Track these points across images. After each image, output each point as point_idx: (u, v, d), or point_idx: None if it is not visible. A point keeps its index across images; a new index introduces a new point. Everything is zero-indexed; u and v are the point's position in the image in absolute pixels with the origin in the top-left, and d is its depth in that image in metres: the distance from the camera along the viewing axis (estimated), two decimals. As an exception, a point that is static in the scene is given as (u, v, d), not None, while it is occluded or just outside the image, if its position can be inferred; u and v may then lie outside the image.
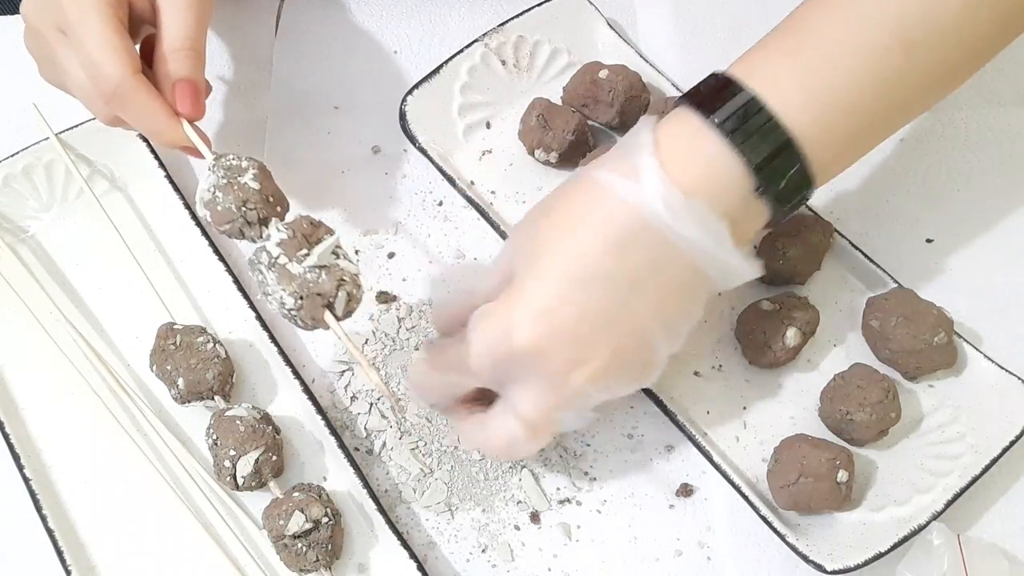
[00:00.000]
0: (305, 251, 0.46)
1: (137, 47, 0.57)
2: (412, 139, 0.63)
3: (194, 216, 0.61)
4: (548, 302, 0.46)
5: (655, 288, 0.46)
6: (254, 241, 0.49)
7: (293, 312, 0.46)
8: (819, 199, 0.62)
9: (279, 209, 0.50)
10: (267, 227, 0.48)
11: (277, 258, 0.46)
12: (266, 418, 0.54)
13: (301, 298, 0.45)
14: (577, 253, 0.46)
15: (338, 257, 0.47)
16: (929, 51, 0.47)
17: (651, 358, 0.48)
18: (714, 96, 0.46)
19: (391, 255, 0.63)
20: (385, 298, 0.61)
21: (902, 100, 0.49)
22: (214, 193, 0.49)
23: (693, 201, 0.45)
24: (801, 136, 0.46)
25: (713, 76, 0.48)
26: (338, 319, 0.46)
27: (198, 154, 0.54)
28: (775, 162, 0.46)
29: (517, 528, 0.54)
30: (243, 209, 0.48)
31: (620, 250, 0.45)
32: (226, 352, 0.56)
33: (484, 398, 0.51)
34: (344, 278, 0.46)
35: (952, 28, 0.47)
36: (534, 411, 0.47)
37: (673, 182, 0.45)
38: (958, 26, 0.47)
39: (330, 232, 0.48)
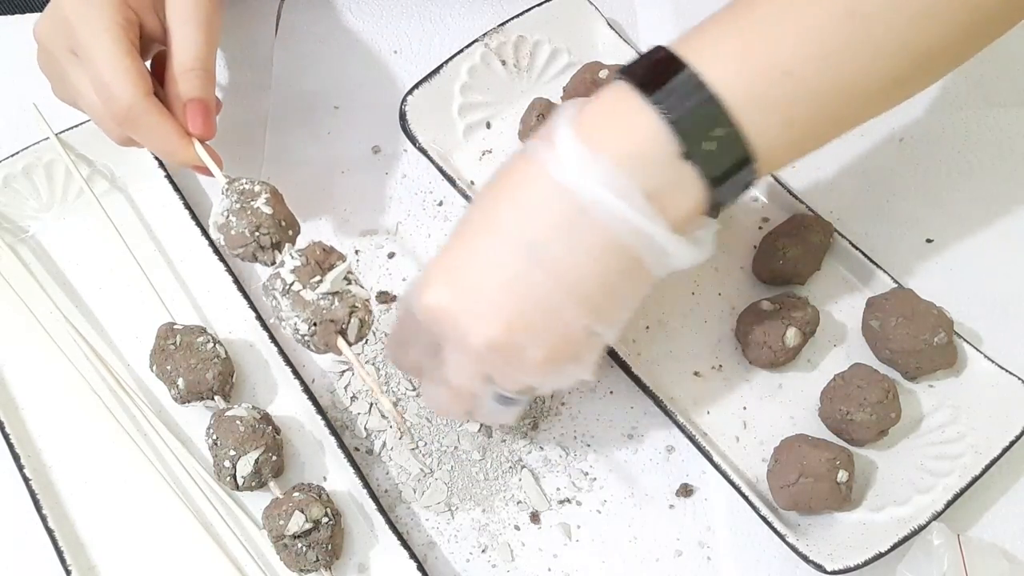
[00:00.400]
0: (318, 278, 0.47)
1: (148, 63, 0.57)
2: (412, 139, 0.63)
3: (194, 216, 0.61)
4: (455, 260, 0.45)
5: (569, 259, 0.43)
6: (267, 265, 0.50)
7: (307, 338, 0.47)
8: (819, 199, 0.62)
9: (291, 233, 0.51)
10: (280, 251, 0.49)
11: (291, 285, 0.46)
12: (266, 418, 0.54)
13: (315, 324, 0.46)
14: (489, 216, 0.45)
15: (349, 283, 0.47)
16: (885, 26, 0.43)
17: (573, 340, 0.45)
18: (639, 62, 0.44)
19: (391, 255, 0.63)
20: (385, 298, 0.61)
21: (854, 77, 0.44)
22: (227, 217, 0.50)
23: (600, 156, 0.42)
24: (731, 99, 0.42)
25: (649, 50, 0.46)
26: (350, 344, 0.47)
27: (210, 173, 0.54)
28: (698, 119, 0.42)
29: (517, 528, 0.54)
30: (256, 234, 0.49)
31: (527, 211, 0.43)
32: (226, 352, 0.56)
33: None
34: (356, 304, 0.47)
35: (912, 4, 0.43)
36: (452, 375, 0.47)
37: (583, 141, 0.42)
38: (920, 3, 0.43)
39: (342, 258, 0.48)
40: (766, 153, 0.43)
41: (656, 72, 0.43)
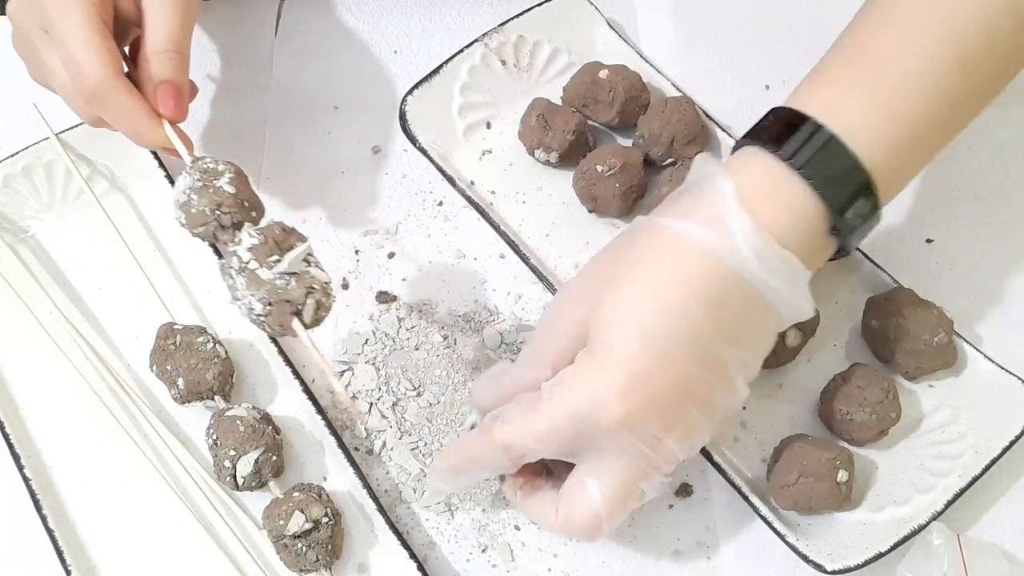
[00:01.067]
0: (276, 257, 0.46)
1: (127, 49, 0.57)
2: (412, 139, 0.63)
3: (194, 216, 0.61)
4: (642, 368, 0.42)
5: (743, 339, 0.44)
6: (227, 245, 0.49)
7: (261, 318, 0.46)
8: (819, 199, 0.62)
9: (254, 214, 0.50)
10: (239, 231, 0.48)
11: (248, 263, 0.46)
12: (266, 418, 0.54)
13: (270, 304, 0.45)
14: (668, 312, 0.42)
15: (309, 265, 0.46)
16: (983, 68, 0.45)
17: (733, 405, 0.46)
18: (787, 134, 0.44)
19: (391, 255, 0.63)
20: (385, 298, 0.61)
21: (957, 119, 0.47)
22: (189, 195, 0.49)
23: (787, 253, 0.43)
24: (874, 171, 0.44)
25: (776, 111, 0.46)
26: (306, 327, 0.46)
27: (178, 155, 0.53)
28: (856, 203, 0.44)
29: (517, 528, 0.54)
30: (217, 212, 0.48)
31: (715, 309, 0.42)
32: (226, 352, 0.56)
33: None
34: (314, 286, 0.46)
35: (1005, 41, 0.45)
36: (619, 483, 0.44)
37: (759, 228, 0.42)
38: (1010, 39, 0.45)
39: (302, 239, 0.47)
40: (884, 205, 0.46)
41: (817, 155, 0.43)
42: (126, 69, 0.55)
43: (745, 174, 0.44)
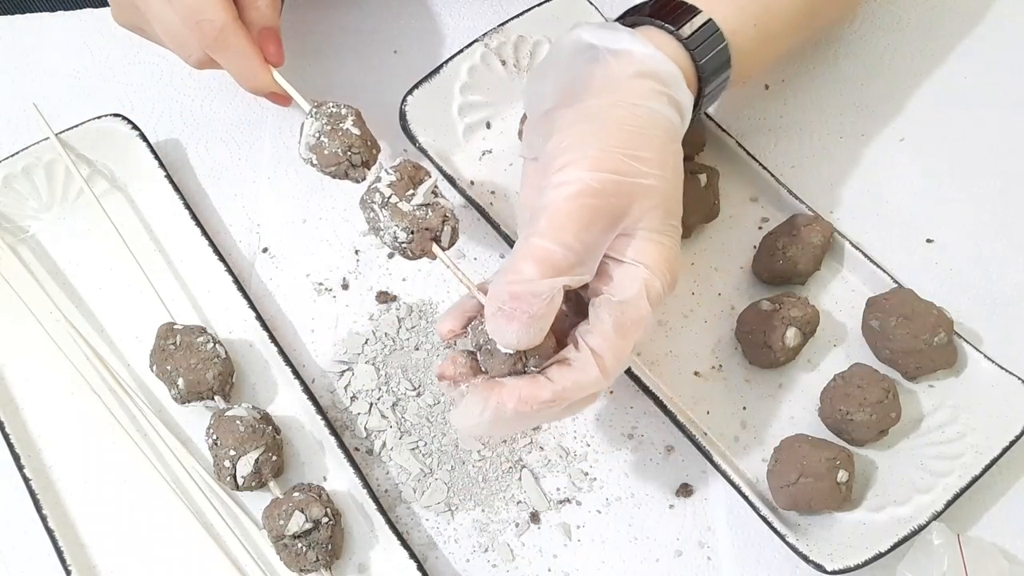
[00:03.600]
0: (412, 191, 0.50)
1: None
2: (412, 139, 0.63)
3: (194, 216, 0.61)
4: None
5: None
6: (356, 181, 0.53)
7: (404, 244, 0.50)
8: (819, 199, 0.62)
9: (375, 152, 0.54)
10: (367, 168, 0.53)
11: (389, 198, 0.50)
12: (266, 418, 0.54)
13: (412, 232, 0.49)
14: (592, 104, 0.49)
15: (436, 196, 0.51)
16: None
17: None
18: (673, 13, 0.53)
19: (391, 255, 0.63)
20: (385, 298, 0.61)
21: (805, 24, 0.59)
22: (319, 138, 0.53)
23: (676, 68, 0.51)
24: (733, 52, 0.54)
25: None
26: (444, 249, 0.50)
27: (284, 101, 0.56)
28: (715, 62, 0.54)
29: (517, 528, 0.54)
30: (348, 153, 0.52)
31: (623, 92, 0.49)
32: (226, 352, 0.56)
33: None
34: (447, 214, 0.50)
35: None
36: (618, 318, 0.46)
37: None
38: None
39: (428, 174, 0.51)
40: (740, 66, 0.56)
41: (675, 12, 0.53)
42: None
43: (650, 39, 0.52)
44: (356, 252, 0.63)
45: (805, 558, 0.50)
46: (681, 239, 0.60)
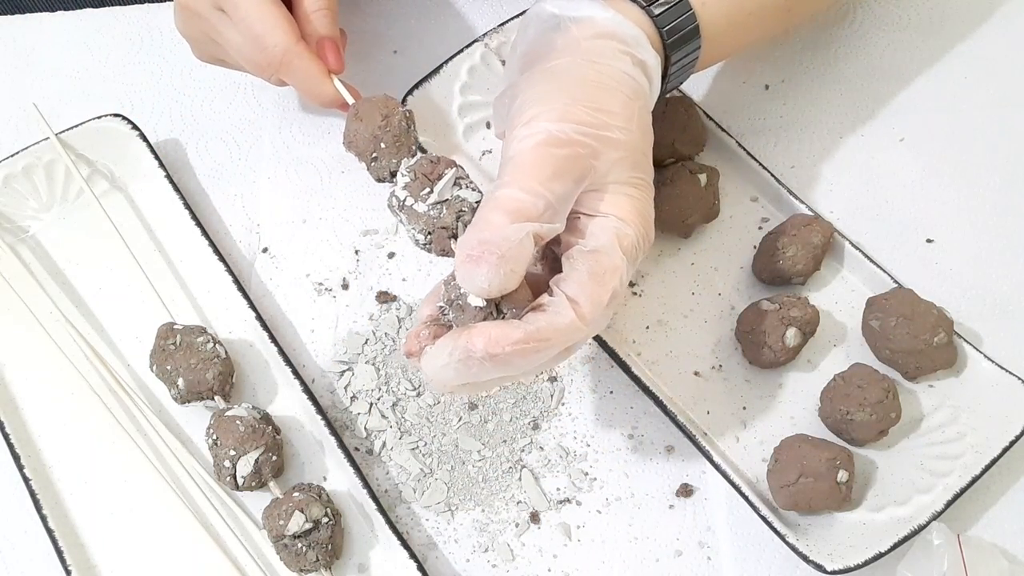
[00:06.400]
0: (428, 189, 0.50)
1: None
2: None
3: (194, 216, 0.61)
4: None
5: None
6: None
7: (426, 246, 0.50)
8: (819, 199, 0.62)
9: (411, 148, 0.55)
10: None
11: (404, 200, 0.50)
12: (266, 418, 0.54)
13: (429, 233, 0.49)
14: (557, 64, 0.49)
15: (461, 187, 0.50)
16: None
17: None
18: None
19: (391, 255, 0.63)
20: (385, 298, 0.61)
21: (778, 17, 0.59)
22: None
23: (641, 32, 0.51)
24: (704, 33, 0.54)
25: None
26: None
27: (347, 108, 0.56)
28: (681, 28, 0.54)
29: (517, 528, 0.54)
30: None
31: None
32: (226, 352, 0.56)
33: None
34: (463, 208, 0.50)
35: None
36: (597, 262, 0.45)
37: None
38: None
39: (451, 165, 0.51)
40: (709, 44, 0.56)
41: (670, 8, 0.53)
42: None
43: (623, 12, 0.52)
44: (356, 252, 0.63)
45: (805, 558, 0.50)
46: (681, 239, 0.61)
